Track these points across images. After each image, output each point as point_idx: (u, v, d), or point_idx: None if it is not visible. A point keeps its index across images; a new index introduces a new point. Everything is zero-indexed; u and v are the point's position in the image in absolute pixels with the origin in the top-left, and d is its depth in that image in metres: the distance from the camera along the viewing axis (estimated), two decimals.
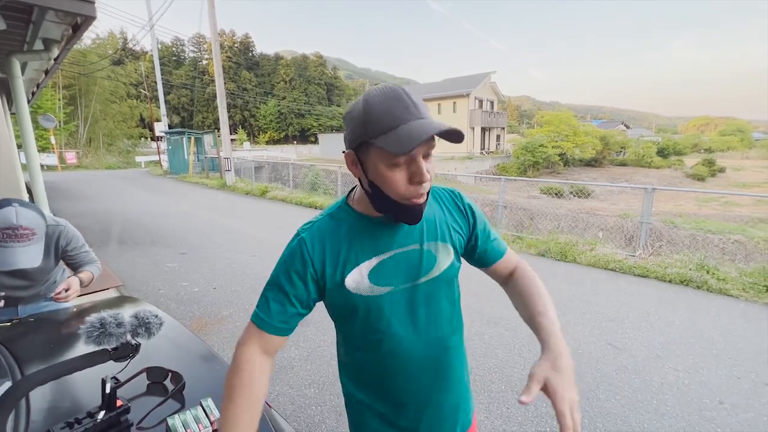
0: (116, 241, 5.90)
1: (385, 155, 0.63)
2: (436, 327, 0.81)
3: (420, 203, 0.69)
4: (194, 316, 3.37)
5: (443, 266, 0.80)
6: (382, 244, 0.76)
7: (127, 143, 30.12)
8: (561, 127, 28.33)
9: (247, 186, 12.08)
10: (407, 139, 0.59)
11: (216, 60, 12.26)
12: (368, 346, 0.80)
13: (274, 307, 0.74)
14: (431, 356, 0.81)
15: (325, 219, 0.78)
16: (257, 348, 0.74)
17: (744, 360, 2.71)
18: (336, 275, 0.74)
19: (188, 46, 71.67)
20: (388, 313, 0.76)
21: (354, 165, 0.70)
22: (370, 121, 0.62)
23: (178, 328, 1.35)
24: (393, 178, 0.65)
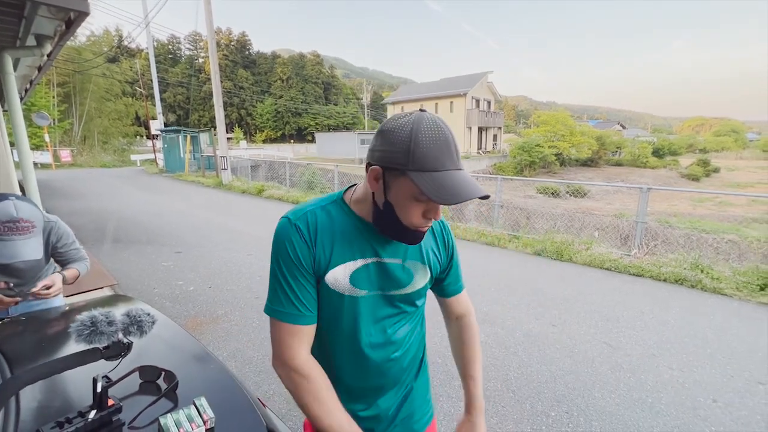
0: (111, 239, 5.85)
1: (414, 191, 0.65)
2: (390, 338, 0.85)
3: (424, 231, 0.75)
4: (189, 315, 3.35)
5: (417, 285, 0.85)
6: (369, 249, 0.78)
7: (122, 141, 29.93)
8: (557, 127, 28.44)
9: (243, 185, 12.04)
10: (451, 191, 0.63)
11: (212, 58, 12.19)
12: (326, 339, 0.83)
13: (300, 293, 0.75)
14: (385, 366, 0.86)
15: (318, 210, 0.78)
16: (307, 350, 0.77)
17: (738, 359, 2.73)
18: (321, 267, 0.76)
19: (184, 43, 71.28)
20: (356, 315, 0.80)
21: (376, 181, 0.71)
22: (415, 154, 0.63)
23: (172, 326, 1.33)
24: (413, 210, 0.69)
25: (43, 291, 1.45)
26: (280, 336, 0.76)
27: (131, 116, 31.96)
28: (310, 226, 0.76)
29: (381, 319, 0.83)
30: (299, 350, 0.75)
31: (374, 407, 0.90)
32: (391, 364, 0.86)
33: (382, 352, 0.84)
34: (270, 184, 11.76)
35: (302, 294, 0.75)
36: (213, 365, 1.12)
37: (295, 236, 0.74)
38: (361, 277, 0.78)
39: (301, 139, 65.64)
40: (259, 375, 2.47)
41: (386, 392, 0.90)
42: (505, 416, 2.13)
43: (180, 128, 18.25)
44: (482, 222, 7.25)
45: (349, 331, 0.81)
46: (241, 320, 3.25)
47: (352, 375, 0.86)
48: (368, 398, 0.90)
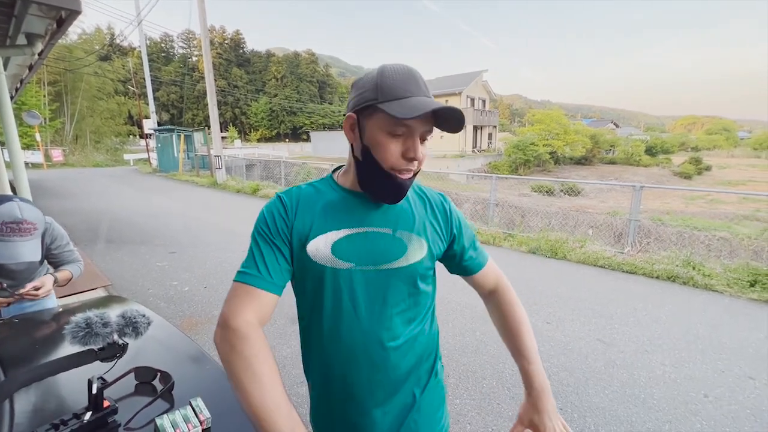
0: (104, 240, 5.80)
1: (388, 122, 0.66)
2: (383, 322, 0.76)
3: (405, 179, 0.70)
4: (184, 316, 3.34)
5: (412, 259, 0.77)
6: (354, 219, 0.75)
7: (115, 141, 29.63)
8: (552, 125, 28.60)
9: (238, 184, 11.97)
10: (414, 108, 0.63)
11: (206, 56, 12.11)
12: (313, 319, 0.78)
13: (268, 260, 0.71)
14: (369, 350, 0.76)
15: (305, 186, 0.80)
16: (253, 314, 0.67)
17: (728, 354, 2.78)
18: (302, 238, 0.73)
19: (177, 42, 70.68)
20: (341, 291, 0.74)
21: (352, 129, 0.72)
22: (382, 86, 0.65)
23: (168, 327, 1.33)
24: (388, 147, 0.67)
25: (31, 292, 1.44)
26: (230, 295, 0.70)
27: (124, 115, 31.63)
28: (293, 198, 0.76)
29: (373, 297, 0.75)
30: (244, 311, 0.66)
31: (367, 415, 0.79)
32: (385, 354, 0.77)
33: (372, 335, 0.76)
34: (265, 184, 11.71)
35: (268, 259, 0.71)
36: (209, 365, 1.12)
37: (276, 206, 0.75)
38: (344, 248, 0.73)
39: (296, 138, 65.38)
40: None
41: (382, 396, 0.79)
42: (500, 413, 2.15)
43: (173, 127, 18.11)
44: (477, 221, 7.29)
45: (333, 309, 0.75)
46: None
47: (342, 365, 0.77)
48: (362, 401, 0.79)
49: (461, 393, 2.31)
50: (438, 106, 0.63)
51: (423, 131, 0.68)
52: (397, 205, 0.79)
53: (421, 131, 0.68)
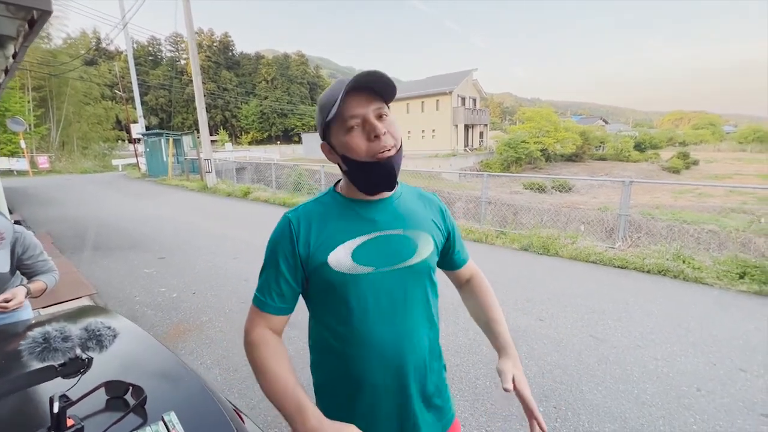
0: (91, 247, 5.68)
1: (338, 126, 0.73)
2: (412, 318, 0.82)
3: (386, 157, 0.73)
4: (172, 323, 3.26)
5: (423, 255, 0.83)
6: (366, 225, 0.79)
7: (103, 146, 29.18)
8: (542, 123, 28.80)
9: (228, 187, 11.85)
10: (338, 100, 0.69)
11: (193, 58, 11.96)
12: (340, 328, 0.80)
13: (273, 287, 0.79)
14: (403, 346, 0.81)
15: (312, 203, 0.84)
16: (265, 329, 0.79)
17: (719, 346, 2.79)
18: (320, 253, 0.77)
19: (165, 45, 69.90)
20: (367, 294, 0.78)
21: (330, 153, 0.79)
22: (322, 106, 0.74)
23: (146, 338, 1.27)
24: (353, 141, 0.72)
25: (1, 304, 1.37)
26: (249, 314, 0.81)
27: (112, 120, 31.17)
28: (302, 217, 0.80)
29: (396, 297, 0.80)
30: (258, 327, 0.78)
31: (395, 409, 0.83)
32: (413, 351, 0.82)
33: (401, 334, 0.81)
34: (256, 186, 11.60)
35: (274, 287, 0.79)
36: (187, 377, 1.07)
37: (284, 229, 0.79)
38: (364, 254, 0.78)
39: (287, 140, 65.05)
40: (243, 383, 2.42)
41: (410, 391, 0.83)
42: (494, 414, 2.12)
43: (162, 131, 17.87)
44: (470, 219, 7.28)
45: (361, 314, 0.78)
46: (226, 326, 3.18)
47: (371, 368, 0.80)
48: (390, 398, 0.82)
49: (454, 393, 2.28)
50: (351, 80, 0.68)
51: (372, 110, 0.72)
52: (404, 207, 0.85)
53: (370, 112, 0.72)
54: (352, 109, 0.71)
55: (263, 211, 8.83)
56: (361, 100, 0.71)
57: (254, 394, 2.30)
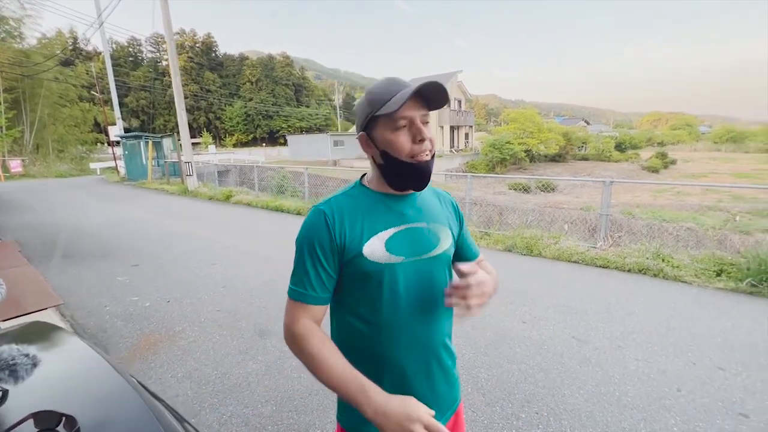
0: (60, 255, 5.43)
1: (388, 123, 0.77)
2: (435, 304, 0.88)
3: (425, 161, 0.80)
4: (143, 334, 3.11)
5: (444, 246, 0.90)
6: (395, 218, 0.85)
7: (80, 149, 28.29)
8: (526, 124, 29.19)
9: (210, 191, 11.59)
10: (400, 99, 0.74)
11: (172, 58, 11.68)
12: (371, 315, 0.84)
13: (314, 277, 0.80)
14: (426, 331, 0.87)
15: (341, 196, 0.87)
16: (309, 320, 0.81)
17: (698, 345, 2.80)
18: (355, 244, 0.81)
19: (146, 46, 68.39)
20: (399, 281, 0.83)
21: (367, 144, 0.83)
22: (372, 100, 0.78)
23: (92, 359, 1.16)
24: (398, 140, 0.78)
25: None
26: (288, 309, 0.83)
27: (89, 122, 30.26)
28: (335, 209, 0.83)
29: (424, 285, 0.86)
30: (301, 319, 0.80)
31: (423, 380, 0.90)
32: (440, 338, 0.90)
33: (429, 322, 0.87)
34: (238, 190, 11.37)
35: (314, 277, 0.80)
36: (135, 403, 0.97)
37: (319, 220, 0.81)
38: (396, 244, 0.83)
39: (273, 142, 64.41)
40: (216, 396, 2.30)
41: (435, 378, 0.91)
42: (475, 421, 2.07)
43: (141, 134, 17.43)
44: None
45: (392, 302, 0.83)
46: (201, 336, 3.05)
47: (400, 356, 0.86)
48: (417, 386, 0.88)
49: None
50: (418, 86, 0.73)
51: (420, 116, 0.78)
52: (426, 202, 0.92)
53: (418, 117, 0.77)
54: (405, 110, 0.75)
55: (245, 214, 8.65)
56: (414, 104, 0.76)
57: (226, 409, 2.19)
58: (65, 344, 1.29)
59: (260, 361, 2.67)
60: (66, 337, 1.34)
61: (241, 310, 3.52)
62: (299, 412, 2.15)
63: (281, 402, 2.25)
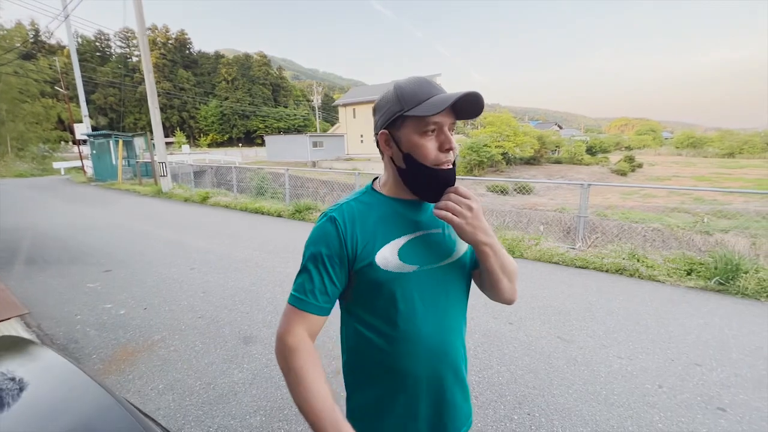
0: (23, 261, 5.10)
1: (418, 125, 0.74)
2: (452, 313, 0.85)
3: (449, 169, 0.77)
4: (119, 344, 2.95)
5: (461, 251, 0.86)
6: (410, 225, 0.82)
7: (42, 148, 26.74)
8: (503, 127, 29.84)
9: (185, 192, 11.20)
10: (439, 103, 0.71)
11: (144, 54, 11.23)
12: (386, 327, 0.80)
13: (318, 285, 0.77)
14: (447, 342, 0.84)
15: (352, 202, 0.83)
16: (304, 332, 0.76)
17: (675, 342, 2.92)
18: (367, 253, 0.77)
19: (115, 41, 65.62)
20: (413, 292, 0.79)
21: (387, 144, 0.79)
22: (403, 96, 0.74)
23: (72, 375, 1.08)
24: (425, 146, 0.75)
25: None
26: (284, 316, 0.78)
27: (53, 119, 28.65)
28: (346, 216, 0.79)
29: (439, 293, 0.82)
30: (296, 329, 0.76)
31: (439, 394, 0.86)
32: (456, 346, 0.86)
33: (445, 329, 0.83)
34: (216, 191, 11.05)
35: (318, 285, 0.77)
36: (122, 423, 0.91)
37: (329, 228, 0.78)
38: (410, 253, 0.79)
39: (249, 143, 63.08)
40: (201, 408, 2.20)
41: (451, 386, 0.86)
42: None
43: (111, 132, 16.65)
44: None
45: (407, 312, 0.79)
46: (182, 345, 2.92)
47: (415, 365, 0.81)
48: (434, 395, 0.85)
49: None
50: (459, 95, 0.70)
51: (449, 124, 0.76)
52: None
53: (447, 124, 0.75)
54: (437, 117, 0.73)
55: (224, 216, 8.40)
56: (445, 111, 0.72)
57: (212, 421, 2.10)
58: (40, 359, 1.19)
59: (246, 370, 2.58)
60: (38, 351, 1.24)
61: (223, 316, 3.40)
62: (290, 422, 2.09)
63: (270, 412, 2.17)
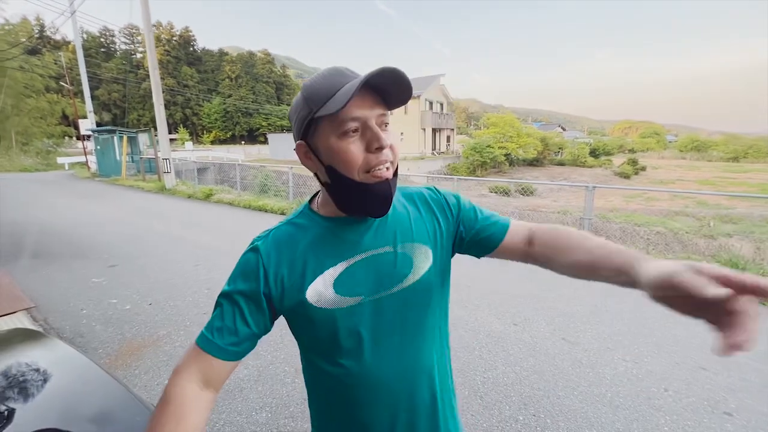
0: (29, 255, 5.12)
1: (333, 126, 0.58)
2: (418, 345, 0.70)
3: (384, 178, 0.60)
4: (125, 339, 2.97)
5: (421, 271, 0.69)
6: (349, 248, 0.66)
7: (47, 143, 26.86)
8: (506, 128, 29.83)
9: (189, 189, 11.23)
10: (346, 93, 0.53)
11: (150, 51, 11.26)
12: (334, 369, 0.68)
13: (226, 324, 0.63)
14: (409, 382, 0.69)
15: (284, 226, 0.70)
16: (195, 375, 0.61)
17: (681, 346, 2.91)
18: (295, 289, 0.64)
19: (119, 37, 65.83)
20: (357, 329, 0.66)
21: (307, 157, 0.64)
22: (310, 96, 0.58)
23: (87, 368, 1.09)
24: (347, 150, 0.58)
25: None
26: (186, 354, 0.64)
27: (57, 115, 28.78)
28: (271, 245, 0.67)
29: (394, 326, 0.67)
30: (186, 372, 0.61)
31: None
32: (422, 383, 0.70)
33: (405, 366, 0.68)
34: (219, 188, 11.08)
35: (227, 323, 0.63)
36: (139, 417, 0.91)
37: (249, 262, 0.66)
38: (348, 282, 0.65)
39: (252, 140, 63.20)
40: None
41: (419, 419, 0.72)
42: (474, 425, 2.07)
43: (115, 128, 16.71)
44: None
45: (355, 352, 0.66)
46: (187, 340, 2.93)
47: (371, 408, 0.69)
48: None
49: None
50: (368, 74, 0.54)
51: (376, 116, 0.59)
52: (390, 217, 0.70)
53: (374, 117, 0.58)
54: (355, 109, 0.56)
55: (227, 214, 8.42)
56: (366, 100, 0.57)
57: (218, 417, 2.11)
58: (55, 351, 1.20)
59: (252, 367, 2.59)
60: (53, 344, 1.25)
61: None
62: (296, 419, 2.10)
63: (276, 409, 2.18)
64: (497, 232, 0.73)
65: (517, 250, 0.73)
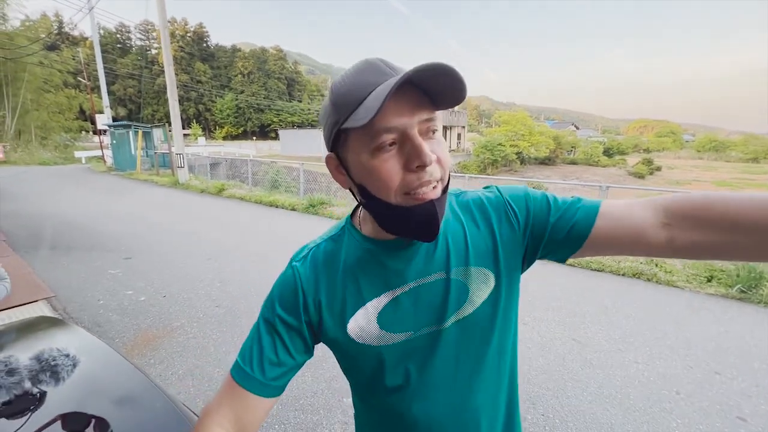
0: (48, 246, 5.27)
1: (364, 139, 0.46)
2: (472, 384, 0.60)
3: (429, 199, 0.48)
4: (140, 329, 3.04)
5: (479, 300, 0.58)
6: (393, 277, 0.57)
7: (64, 137, 27.48)
8: (518, 126, 29.51)
9: (202, 184, 11.39)
10: (378, 97, 0.42)
11: (165, 47, 11.42)
12: (380, 405, 0.63)
13: (266, 355, 0.57)
14: (463, 424, 0.61)
15: (323, 243, 0.62)
16: (227, 419, 0.55)
17: (694, 349, 2.87)
18: (336, 320, 0.58)
19: (135, 33, 66.87)
20: (406, 367, 0.58)
21: (338, 171, 0.54)
22: (337, 101, 0.47)
23: (108, 355, 1.13)
24: (382, 168, 0.46)
25: None
26: (220, 389, 0.59)
27: (75, 109, 29.42)
28: (309, 267, 0.60)
29: (446, 362, 0.59)
30: (220, 411, 0.56)
31: None
32: (479, 422, 0.61)
33: (456, 408, 0.60)
34: (231, 183, 11.21)
35: (266, 353, 0.57)
36: (158, 403, 0.95)
37: (288, 283, 0.60)
38: (394, 317, 0.57)
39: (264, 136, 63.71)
40: None
41: None
42: None
43: (130, 123, 17.01)
44: None
45: (401, 391, 0.59)
46: (200, 332, 2.99)
47: None
48: None
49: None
50: (407, 73, 0.41)
51: (419, 123, 0.46)
52: (442, 236, 0.58)
53: (415, 125, 0.45)
54: (391, 117, 0.44)
55: (239, 209, 8.53)
56: (405, 103, 0.44)
57: None
58: (79, 339, 1.24)
59: None
60: (75, 332, 1.29)
61: (240, 306, 3.47)
62: (305, 412, 2.13)
63: (286, 401, 2.22)
64: (581, 220, 0.54)
65: (629, 239, 0.52)
